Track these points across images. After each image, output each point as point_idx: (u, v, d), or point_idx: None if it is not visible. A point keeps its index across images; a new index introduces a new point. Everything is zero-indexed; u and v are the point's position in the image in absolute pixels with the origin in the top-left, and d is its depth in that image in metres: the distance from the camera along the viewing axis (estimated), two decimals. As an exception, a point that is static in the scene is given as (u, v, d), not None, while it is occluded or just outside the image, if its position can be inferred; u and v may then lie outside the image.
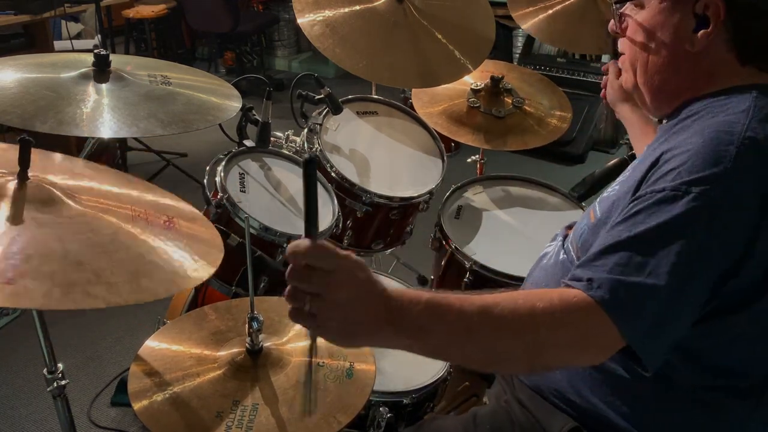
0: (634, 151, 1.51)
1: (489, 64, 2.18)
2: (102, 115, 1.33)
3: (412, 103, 2.12)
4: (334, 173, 1.79)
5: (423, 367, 1.54)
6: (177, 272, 1.01)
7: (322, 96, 1.85)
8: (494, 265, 1.74)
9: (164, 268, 1.00)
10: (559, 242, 1.21)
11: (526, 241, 1.87)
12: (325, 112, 1.90)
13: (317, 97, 1.85)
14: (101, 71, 1.44)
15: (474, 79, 2.15)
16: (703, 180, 0.87)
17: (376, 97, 2.11)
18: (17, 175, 1.01)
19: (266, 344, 1.23)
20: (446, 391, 1.62)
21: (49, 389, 1.21)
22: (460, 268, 1.79)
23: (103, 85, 1.41)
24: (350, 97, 2.03)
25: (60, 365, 1.22)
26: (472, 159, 2.34)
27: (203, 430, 1.09)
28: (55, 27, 4.50)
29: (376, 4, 1.98)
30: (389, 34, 1.95)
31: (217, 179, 1.56)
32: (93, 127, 1.29)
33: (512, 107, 2.12)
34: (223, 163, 1.61)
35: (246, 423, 1.10)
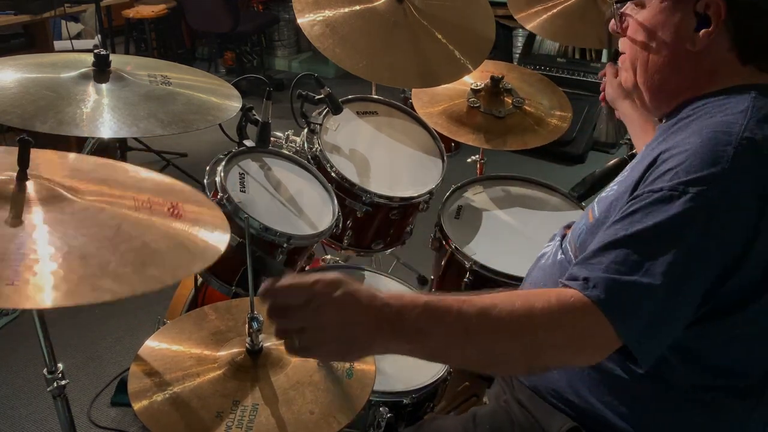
0: (635, 150, 1.52)
1: (489, 64, 2.18)
2: (102, 115, 1.33)
3: (412, 103, 2.12)
4: (334, 173, 1.79)
5: (423, 367, 1.54)
6: (184, 257, 1.01)
7: (322, 96, 1.85)
8: (494, 265, 1.74)
9: (171, 254, 0.99)
10: (557, 242, 1.21)
11: (526, 241, 1.87)
12: (325, 112, 1.90)
13: (317, 97, 1.85)
14: (101, 71, 1.44)
15: (474, 79, 2.15)
16: (701, 180, 0.87)
17: (376, 97, 2.11)
18: (17, 175, 1.01)
19: (266, 344, 1.23)
20: (446, 391, 1.62)
21: (49, 389, 1.21)
22: (460, 268, 1.79)
23: (103, 85, 1.41)
24: (350, 97, 2.03)
25: (60, 365, 1.22)
26: (472, 159, 2.34)
27: (203, 430, 1.09)
28: (55, 27, 4.50)
29: (376, 4, 1.98)
30: (389, 34, 1.95)
31: (217, 179, 1.56)
32: (93, 127, 1.30)
33: (512, 107, 2.12)
34: (223, 163, 1.61)
35: (246, 423, 1.10)
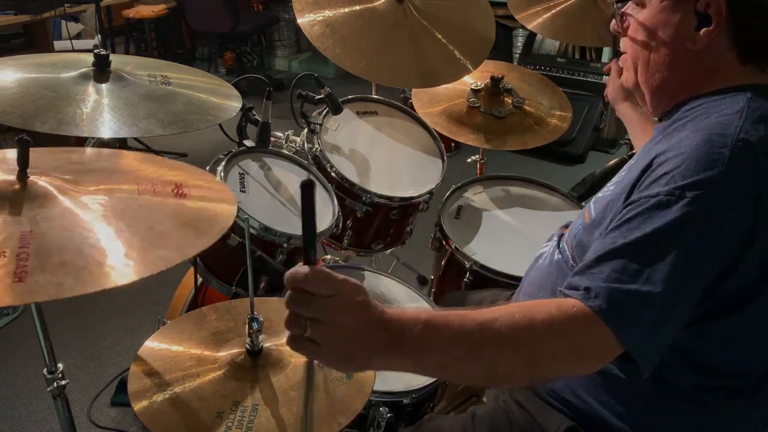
0: (635, 150, 1.52)
1: (489, 64, 2.18)
2: (102, 115, 1.33)
3: (412, 103, 2.12)
4: (334, 173, 1.79)
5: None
6: (190, 235, 1.00)
7: (322, 96, 1.85)
8: (494, 265, 1.74)
9: (177, 234, 0.99)
10: (554, 242, 1.21)
11: (526, 241, 1.87)
12: (325, 112, 1.90)
13: (317, 97, 1.85)
14: (101, 71, 1.44)
15: (474, 79, 2.16)
16: (697, 184, 0.86)
17: (376, 97, 2.11)
18: (17, 175, 1.01)
19: (266, 345, 1.23)
20: (446, 391, 1.62)
21: (49, 389, 1.21)
22: (460, 268, 1.79)
23: (103, 85, 1.41)
24: (350, 97, 2.03)
25: (60, 365, 1.22)
26: (472, 159, 2.34)
27: (203, 430, 1.09)
28: (55, 27, 4.50)
29: (376, 4, 1.98)
30: (389, 34, 1.95)
31: (217, 179, 1.56)
32: (93, 127, 1.30)
33: (512, 107, 2.12)
34: (223, 163, 1.61)
35: (246, 423, 1.10)
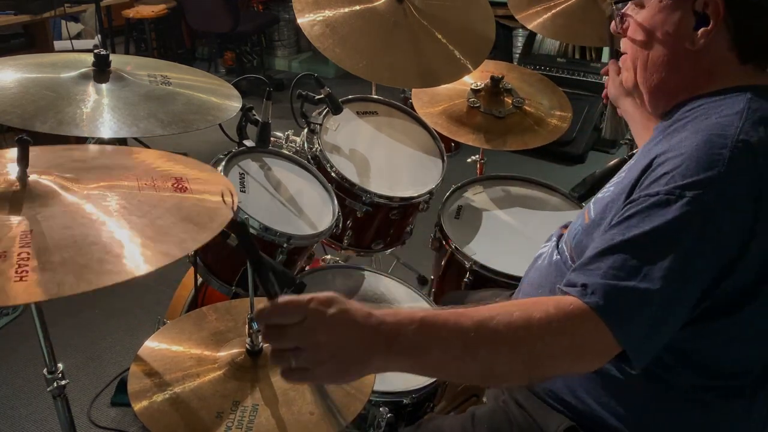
0: (636, 149, 1.51)
1: (489, 64, 2.18)
2: (102, 115, 1.33)
3: (412, 103, 2.12)
4: (334, 173, 1.79)
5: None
6: (190, 230, 0.99)
7: (322, 96, 1.85)
8: (494, 265, 1.74)
9: (177, 228, 0.98)
10: (553, 243, 1.21)
11: (526, 241, 1.87)
12: (325, 112, 1.90)
13: (317, 97, 1.85)
14: (101, 71, 1.44)
15: (474, 79, 2.16)
16: (697, 184, 0.87)
17: (376, 97, 2.11)
18: (17, 175, 1.01)
19: (266, 345, 1.23)
20: (446, 391, 1.62)
21: (49, 389, 1.21)
22: (460, 268, 1.79)
23: (103, 85, 1.41)
24: (350, 97, 2.03)
25: (60, 365, 1.22)
26: (472, 159, 2.34)
27: (203, 430, 1.09)
28: (55, 27, 4.50)
29: (376, 4, 1.98)
30: (389, 34, 1.95)
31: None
32: (93, 127, 1.30)
33: (512, 107, 2.12)
34: (223, 163, 1.61)
35: (246, 424, 1.10)
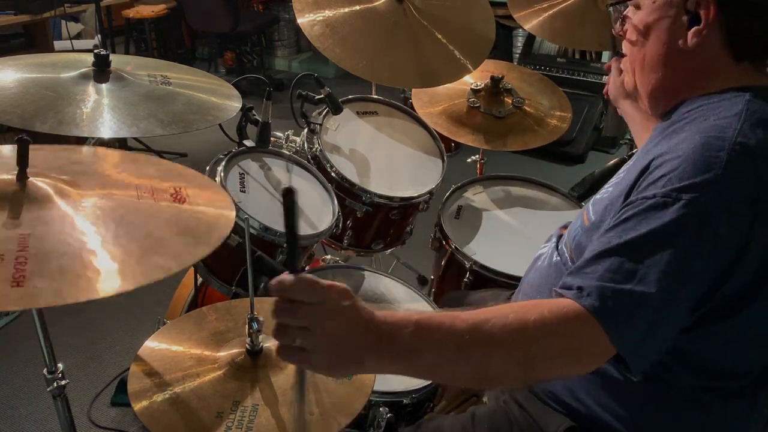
0: (636, 149, 1.51)
1: (489, 64, 2.18)
2: (102, 115, 1.33)
3: (412, 103, 2.12)
4: (334, 173, 1.79)
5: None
6: (188, 243, 1.00)
7: (322, 96, 1.85)
8: (494, 265, 1.74)
9: (175, 241, 0.99)
10: (552, 243, 1.21)
11: (526, 241, 1.87)
12: (325, 112, 1.90)
13: (317, 97, 1.85)
14: (101, 71, 1.44)
15: (474, 79, 2.16)
16: (694, 187, 0.86)
17: (376, 97, 2.11)
18: (16, 175, 1.00)
19: (266, 345, 1.23)
20: (446, 391, 1.62)
21: (49, 389, 1.21)
22: (460, 268, 1.79)
23: (103, 85, 1.41)
24: (350, 97, 2.03)
25: (60, 365, 1.22)
26: (472, 159, 2.34)
27: (203, 430, 1.09)
28: (55, 27, 4.50)
29: (376, 4, 1.98)
30: (389, 34, 1.95)
31: (217, 179, 1.56)
32: (93, 127, 1.30)
33: (512, 107, 2.12)
34: (223, 163, 1.61)
35: (246, 424, 1.10)
